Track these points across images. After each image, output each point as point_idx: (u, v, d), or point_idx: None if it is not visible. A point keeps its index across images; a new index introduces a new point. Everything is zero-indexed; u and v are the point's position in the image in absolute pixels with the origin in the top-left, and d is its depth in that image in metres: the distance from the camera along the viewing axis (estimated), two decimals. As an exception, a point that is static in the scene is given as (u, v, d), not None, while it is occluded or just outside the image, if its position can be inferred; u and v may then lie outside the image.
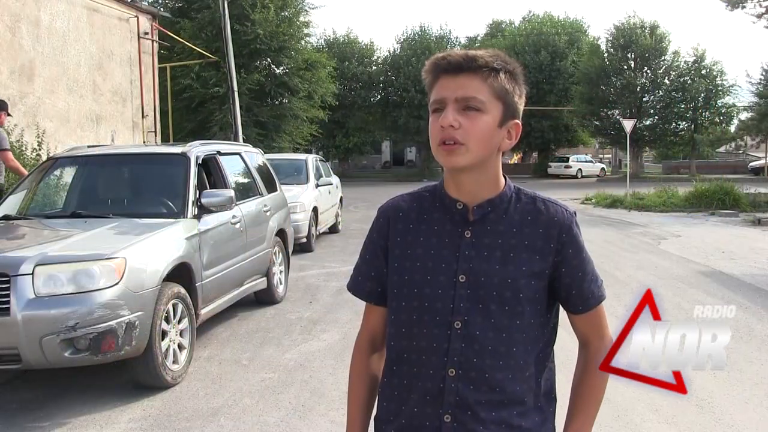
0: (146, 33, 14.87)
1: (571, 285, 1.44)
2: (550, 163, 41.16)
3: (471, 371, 1.38)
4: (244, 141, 16.01)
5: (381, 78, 41.72)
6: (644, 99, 37.36)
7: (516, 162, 47.87)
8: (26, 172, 6.75)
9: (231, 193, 5.59)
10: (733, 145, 51.46)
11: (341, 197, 14.11)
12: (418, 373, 1.43)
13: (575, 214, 1.47)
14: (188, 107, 23.33)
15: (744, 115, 39.24)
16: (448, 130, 1.34)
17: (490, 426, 1.38)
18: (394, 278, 1.46)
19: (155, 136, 15.15)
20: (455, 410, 1.38)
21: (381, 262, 1.50)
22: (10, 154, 7.11)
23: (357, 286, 1.57)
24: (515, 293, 1.39)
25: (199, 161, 5.71)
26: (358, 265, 1.58)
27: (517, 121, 1.42)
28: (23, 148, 9.60)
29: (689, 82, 36.39)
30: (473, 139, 1.34)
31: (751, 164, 42.87)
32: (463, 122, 1.34)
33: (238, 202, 5.97)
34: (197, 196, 5.36)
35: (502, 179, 1.45)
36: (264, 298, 6.85)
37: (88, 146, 6.54)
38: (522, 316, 1.40)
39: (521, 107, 1.43)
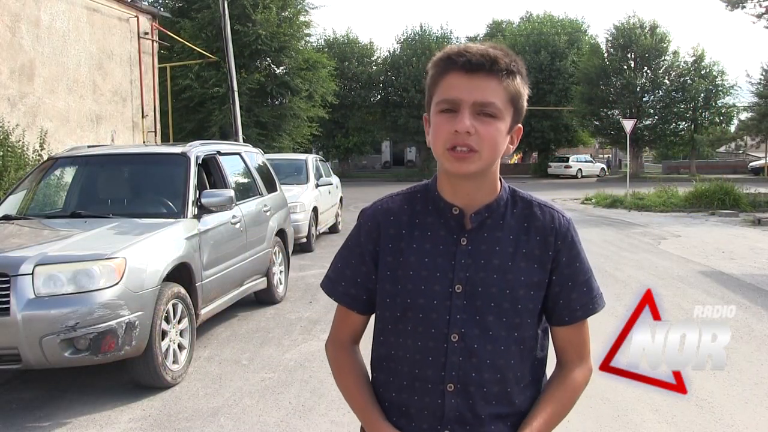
0: (146, 33, 14.87)
1: (560, 294, 1.38)
2: (550, 163, 41.14)
3: (470, 386, 1.34)
4: (244, 141, 16.00)
5: (381, 78, 41.72)
6: (644, 99, 37.35)
7: (516, 162, 47.86)
8: None
9: (231, 193, 5.59)
10: (733, 145, 51.42)
11: (341, 197, 14.11)
12: (411, 386, 1.37)
13: (570, 221, 1.42)
14: (188, 107, 23.32)
15: (744, 115, 39.27)
16: (463, 136, 1.26)
17: None
18: (386, 287, 1.39)
19: (155, 136, 15.14)
20: (455, 426, 1.35)
21: (369, 269, 1.42)
22: None
23: (338, 290, 1.47)
24: (513, 304, 1.34)
25: (199, 161, 5.71)
26: (338, 269, 1.47)
27: (520, 125, 1.37)
28: (24, 149, 9.60)
29: (689, 82, 36.39)
30: (486, 146, 1.28)
31: (751, 164, 42.86)
32: (478, 128, 1.27)
33: (238, 202, 5.97)
34: (197, 196, 5.36)
35: (499, 182, 1.41)
36: (264, 298, 6.85)
37: (88, 146, 6.54)
38: (520, 327, 1.35)
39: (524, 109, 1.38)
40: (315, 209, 10.97)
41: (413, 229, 1.39)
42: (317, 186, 11.48)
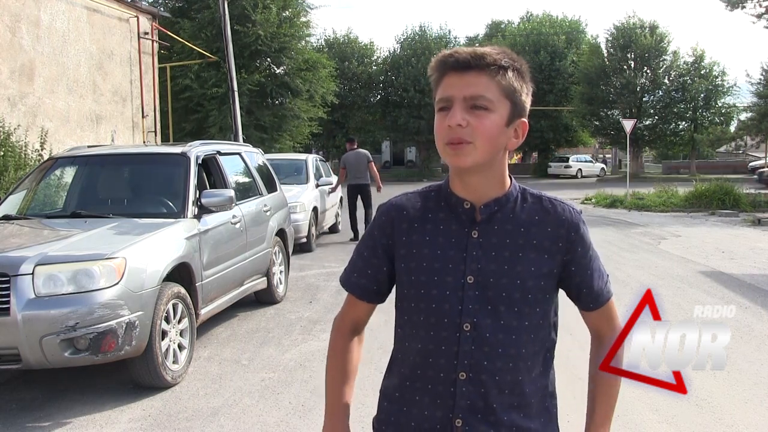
0: (146, 33, 14.87)
1: (582, 284, 1.44)
2: (550, 163, 41.13)
3: (482, 374, 1.37)
4: (245, 142, 15.99)
5: (381, 78, 41.69)
6: (644, 99, 37.35)
7: (516, 162, 47.84)
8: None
9: (231, 193, 5.58)
10: (733, 145, 51.44)
11: (341, 197, 14.09)
12: (423, 375, 1.41)
13: (581, 212, 1.46)
14: (187, 107, 23.31)
15: (744, 115, 39.24)
16: (456, 129, 1.32)
17: (501, 429, 1.38)
18: (402, 278, 1.44)
19: (155, 136, 15.14)
20: (467, 414, 1.37)
21: (381, 261, 1.48)
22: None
23: (350, 281, 1.53)
24: (524, 294, 1.38)
25: (199, 161, 5.71)
26: (353, 260, 1.54)
27: (524, 119, 1.40)
28: (24, 148, 9.59)
29: (689, 82, 36.39)
30: (480, 137, 1.32)
31: (751, 164, 42.85)
32: (471, 121, 1.32)
33: (238, 202, 5.97)
34: (197, 196, 5.36)
35: (508, 179, 1.44)
36: (264, 298, 6.85)
37: (88, 146, 6.54)
38: (530, 317, 1.39)
39: (528, 105, 1.41)
40: (315, 209, 10.98)
41: (426, 222, 1.44)
42: (317, 186, 11.49)
